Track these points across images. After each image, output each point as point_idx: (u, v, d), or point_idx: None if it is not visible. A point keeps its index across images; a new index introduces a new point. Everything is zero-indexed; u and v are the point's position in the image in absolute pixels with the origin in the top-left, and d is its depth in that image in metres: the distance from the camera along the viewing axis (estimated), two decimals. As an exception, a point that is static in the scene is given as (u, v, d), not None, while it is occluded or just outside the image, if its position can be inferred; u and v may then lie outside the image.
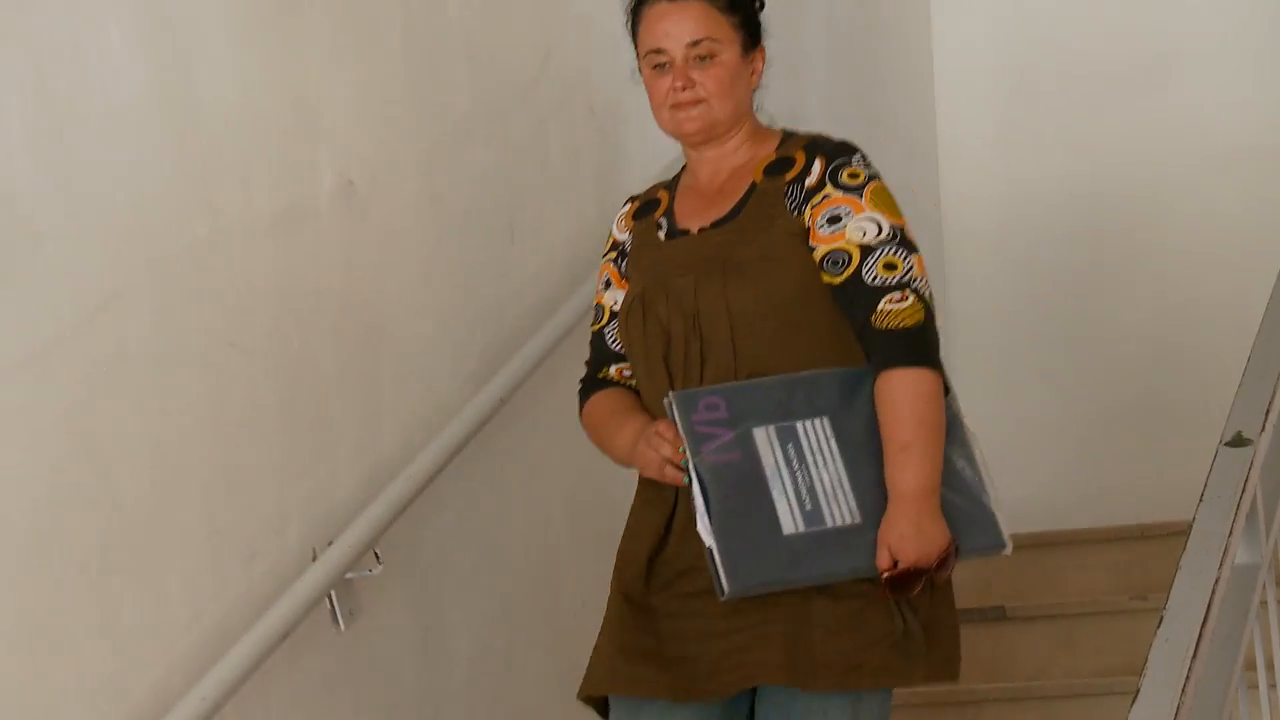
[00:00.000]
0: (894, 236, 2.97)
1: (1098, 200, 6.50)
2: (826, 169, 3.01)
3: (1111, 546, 5.09)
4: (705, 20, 3.04)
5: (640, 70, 3.12)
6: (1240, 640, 3.13)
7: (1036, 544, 5.12)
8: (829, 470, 2.87)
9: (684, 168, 3.22)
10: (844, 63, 6.19)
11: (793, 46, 5.80)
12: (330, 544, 3.53)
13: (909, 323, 2.91)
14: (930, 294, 2.95)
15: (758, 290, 2.95)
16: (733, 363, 2.96)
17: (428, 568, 3.85)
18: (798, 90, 5.81)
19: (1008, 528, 2.98)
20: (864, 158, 3.05)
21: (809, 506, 2.85)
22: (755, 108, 3.16)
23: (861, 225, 2.96)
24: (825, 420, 2.90)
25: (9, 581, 2.86)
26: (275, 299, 3.51)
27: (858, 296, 2.94)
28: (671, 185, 3.22)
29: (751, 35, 3.11)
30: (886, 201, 3.02)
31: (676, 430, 2.92)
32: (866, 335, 2.93)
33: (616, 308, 3.18)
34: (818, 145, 3.08)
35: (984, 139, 6.70)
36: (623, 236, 3.24)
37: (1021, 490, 6.35)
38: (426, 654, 3.84)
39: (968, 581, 5.02)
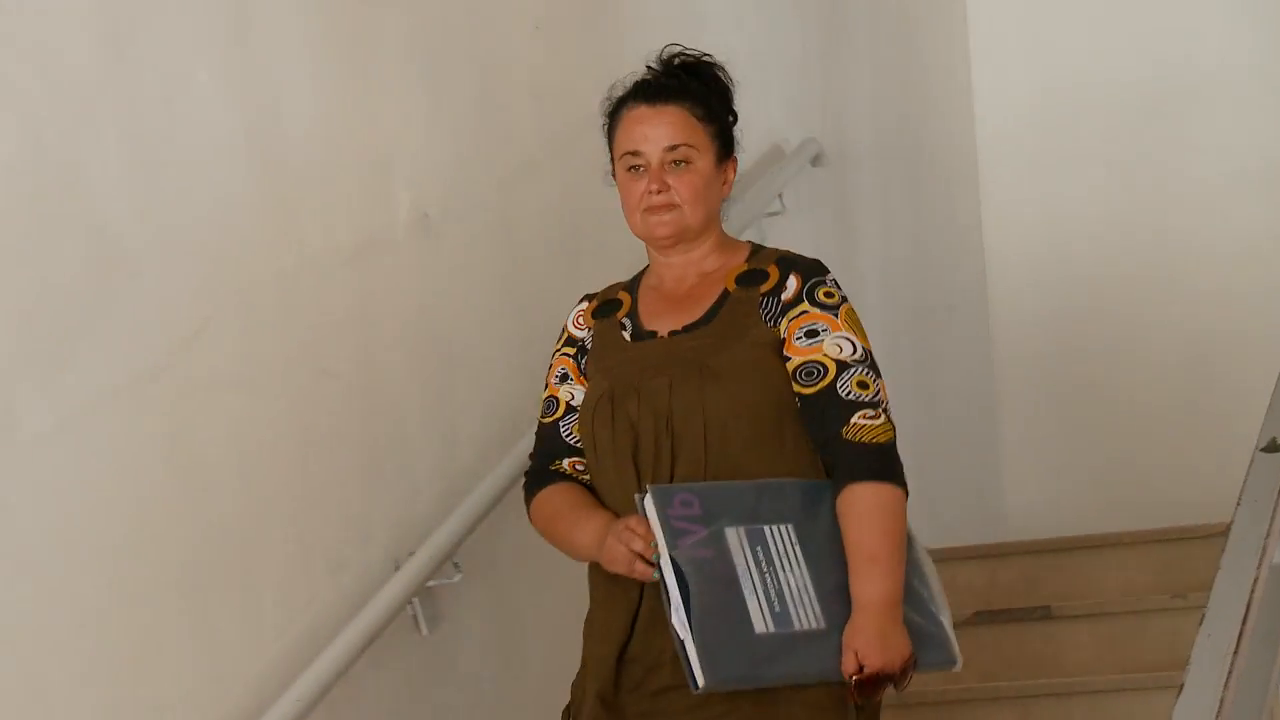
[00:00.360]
0: (865, 359, 2.89)
1: (1134, 220, 6.51)
2: (804, 286, 2.91)
3: (1152, 548, 5.04)
4: (683, 126, 2.93)
5: (614, 172, 3.01)
6: (1279, 637, 3.12)
7: (1081, 546, 5.11)
8: (795, 575, 2.77)
9: (645, 269, 3.08)
10: (887, 93, 6.19)
11: (840, 79, 5.83)
12: (412, 554, 3.54)
13: (881, 439, 2.83)
14: (893, 419, 2.87)
15: (734, 395, 2.85)
16: (703, 464, 2.85)
17: (504, 575, 3.86)
18: (846, 121, 5.83)
19: (958, 645, 2.91)
20: (835, 279, 2.95)
21: (778, 608, 2.75)
22: (723, 218, 3.05)
23: (838, 342, 2.87)
24: (790, 527, 2.81)
25: (113, 594, 2.89)
26: (356, 325, 3.53)
27: (830, 408, 2.85)
28: (632, 286, 3.08)
29: (725, 146, 3.00)
30: (857, 324, 2.93)
31: (648, 525, 2.78)
32: (834, 446, 2.84)
33: (574, 402, 3.03)
34: (792, 262, 2.97)
35: (1023, 163, 6.70)
36: (580, 333, 3.08)
37: (1066, 495, 6.41)
38: (503, 656, 3.86)
39: (1016, 582, 5.03)
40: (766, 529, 2.79)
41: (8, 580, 2.71)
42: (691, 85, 2.97)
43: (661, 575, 2.75)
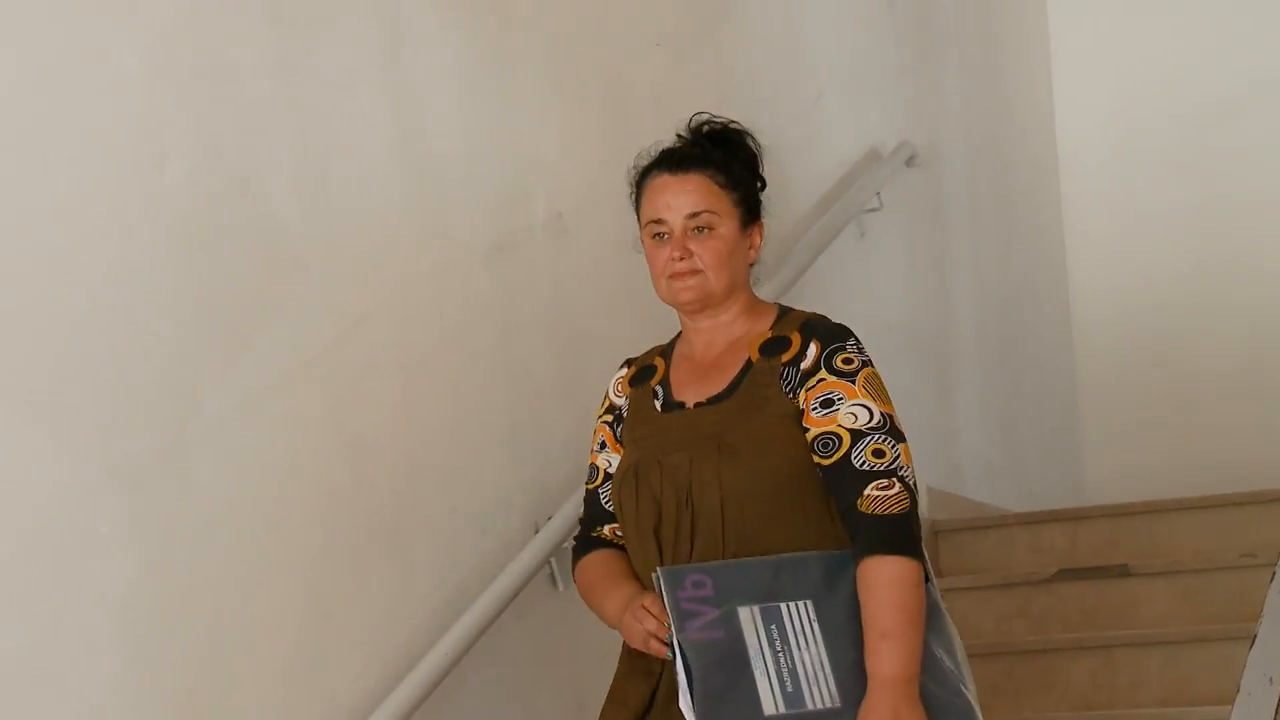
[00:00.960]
0: (883, 424, 2.63)
1: (1205, 210, 6.49)
2: (822, 353, 2.67)
3: (1223, 511, 5.00)
4: (705, 194, 2.73)
5: (642, 239, 2.82)
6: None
7: (1156, 510, 5.06)
8: (811, 653, 2.54)
9: (679, 334, 2.89)
10: (975, 100, 6.17)
11: (932, 87, 5.81)
12: (549, 519, 3.56)
13: (894, 510, 2.58)
14: (915, 483, 2.64)
15: (751, 471, 2.63)
16: (721, 539, 2.64)
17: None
18: (937, 125, 5.82)
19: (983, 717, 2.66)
20: (858, 343, 2.72)
21: (790, 688, 2.52)
22: (752, 281, 2.84)
23: (853, 410, 2.62)
24: (809, 604, 2.57)
25: (287, 555, 2.93)
26: (499, 313, 3.56)
27: (844, 480, 2.61)
28: (668, 352, 2.88)
29: (750, 212, 2.80)
30: (878, 388, 2.68)
31: (663, 605, 2.59)
32: (851, 519, 2.61)
33: (611, 470, 2.84)
34: (814, 328, 2.73)
35: (1101, 162, 6.70)
36: (619, 401, 2.89)
37: (1143, 462, 6.38)
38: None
39: (1096, 543, 5.01)
40: (783, 606, 2.56)
41: (198, 542, 2.76)
42: (715, 153, 2.77)
43: (673, 657, 2.56)
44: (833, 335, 2.71)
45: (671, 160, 2.77)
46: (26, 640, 2.47)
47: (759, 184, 2.84)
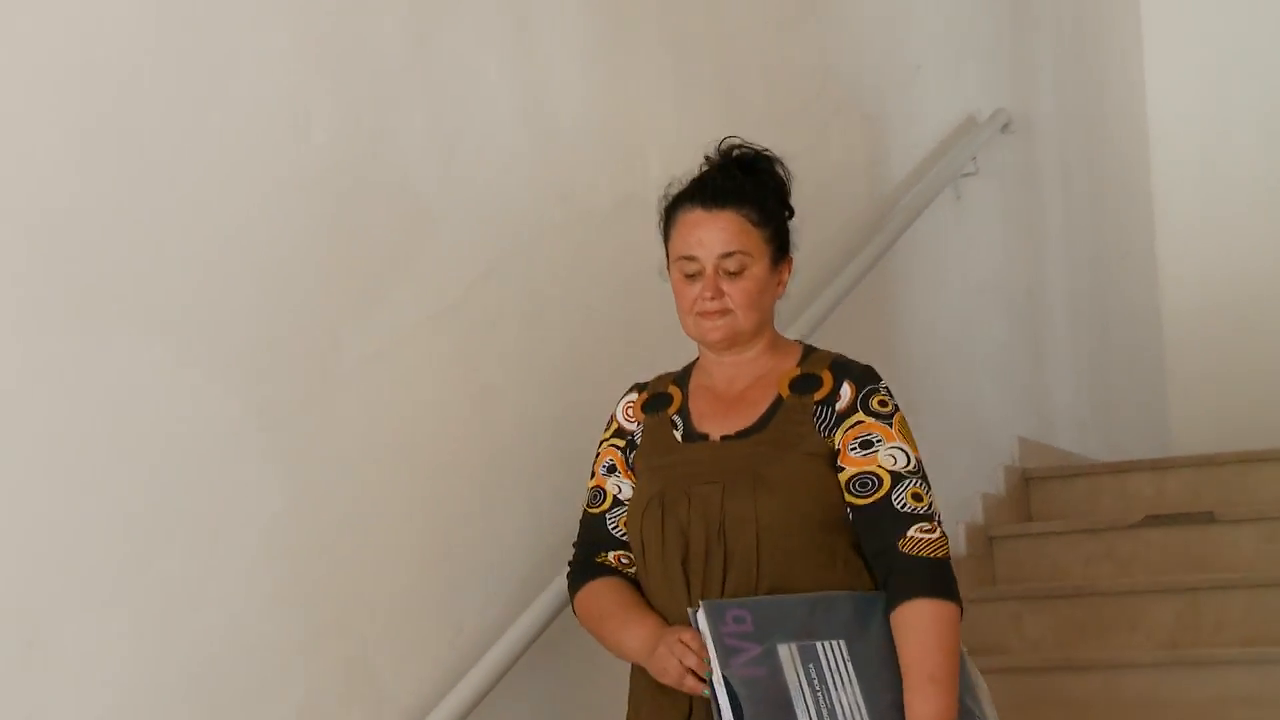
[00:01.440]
0: (918, 470, 2.53)
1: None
2: (858, 395, 2.55)
3: (1304, 460, 5.00)
4: (738, 233, 2.57)
5: (669, 270, 2.67)
6: None
7: (1240, 460, 5.04)
8: (847, 693, 2.40)
9: (695, 363, 2.74)
10: (1068, 69, 6.12)
11: (1026, 57, 5.77)
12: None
13: (939, 554, 2.47)
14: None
15: (786, 507, 2.48)
16: (754, 575, 2.48)
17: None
18: (1031, 93, 5.77)
19: None
20: (887, 387, 2.61)
21: None
22: (775, 315, 2.70)
23: (892, 453, 2.51)
24: (842, 644, 2.43)
25: (420, 491, 2.96)
26: (615, 270, 3.57)
27: (884, 520, 2.49)
28: (682, 381, 2.73)
29: (780, 247, 2.64)
30: (908, 434, 2.57)
31: (700, 639, 2.42)
32: (889, 559, 2.48)
33: (621, 495, 2.68)
34: (845, 368, 2.60)
35: (1190, 127, 6.66)
36: (630, 426, 2.72)
37: (1227, 414, 6.33)
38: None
39: (1181, 491, 4.98)
40: (819, 645, 2.42)
41: (337, 478, 2.80)
42: (747, 187, 2.61)
43: (713, 693, 2.40)
44: (865, 378, 2.59)
45: (705, 194, 2.61)
46: (186, 565, 2.52)
47: (788, 214, 2.68)
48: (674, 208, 2.66)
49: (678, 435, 2.63)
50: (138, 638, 2.43)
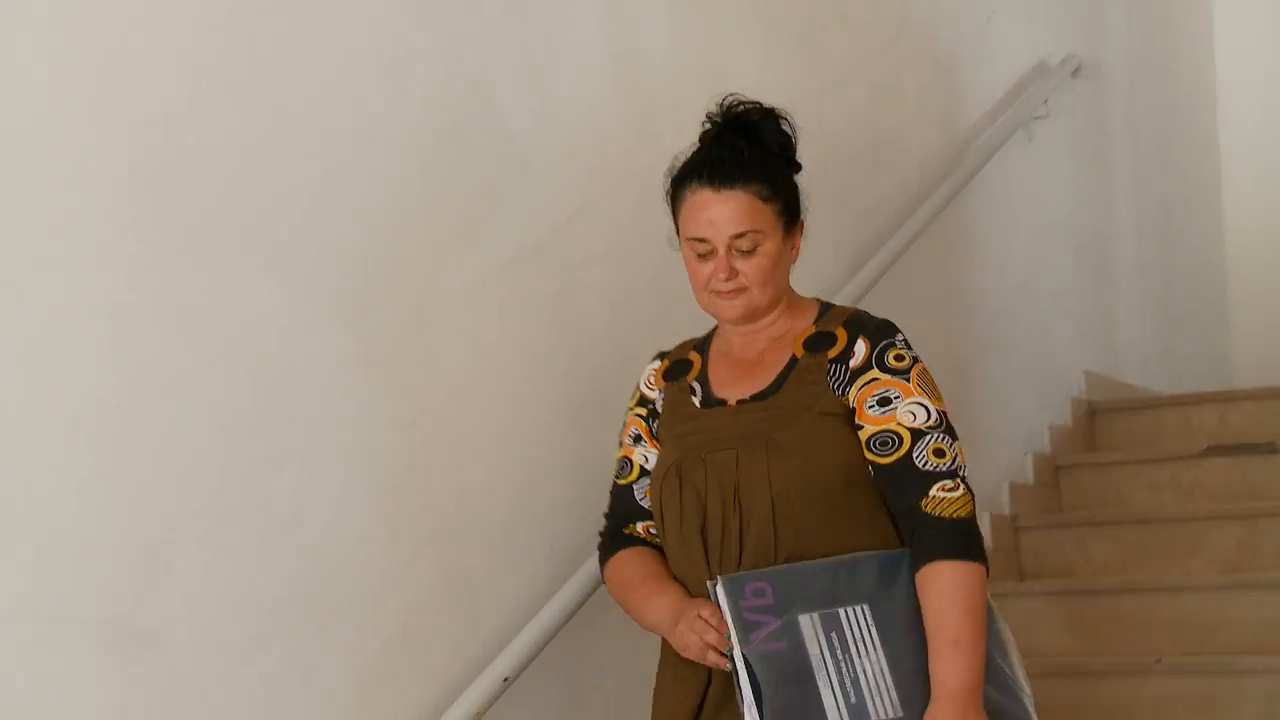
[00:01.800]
0: (940, 423, 2.37)
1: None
2: (873, 350, 2.40)
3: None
4: (749, 211, 2.41)
5: (680, 243, 2.52)
6: None
7: (1303, 394, 5.02)
8: (871, 660, 2.26)
9: (715, 330, 2.60)
10: (1137, 16, 6.03)
11: (1096, 3, 5.69)
12: (744, 394, 3.58)
13: (961, 513, 2.31)
14: (970, 485, 2.37)
15: (801, 470, 2.34)
16: (773, 543, 2.34)
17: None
18: (1101, 39, 5.70)
19: None
20: (905, 339, 2.43)
21: (854, 699, 2.25)
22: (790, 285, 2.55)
23: (911, 409, 2.35)
24: (865, 607, 2.30)
25: (513, 425, 2.98)
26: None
27: (906, 479, 2.34)
28: (703, 347, 2.59)
29: (791, 215, 2.48)
30: (931, 385, 2.41)
31: (720, 614, 2.30)
32: (912, 519, 2.33)
33: (647, 465, 2.56)
34: (860, 324, 2.44)
35: (1256, 73, 6.56)
36: (653, 394, 2.60)
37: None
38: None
39: (1243, 423, 4.93)
40: (841, 612, 2.29)
41: (438, 408, 2.83)
42: (755, 162, 2.44)
43: (734, 668, 2.28)
44: (880, 331, 2.43)
45: (713, 173, 2.44)
46: (296, 484, 2.56)
47: (796, 169, 2.52)
48: (681, 183, 2.49)
49: (696, 401, 2.50)
50: (251, 551, 2.48)
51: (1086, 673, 3.88)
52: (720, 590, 2.29)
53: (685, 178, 2.48)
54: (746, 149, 2.45)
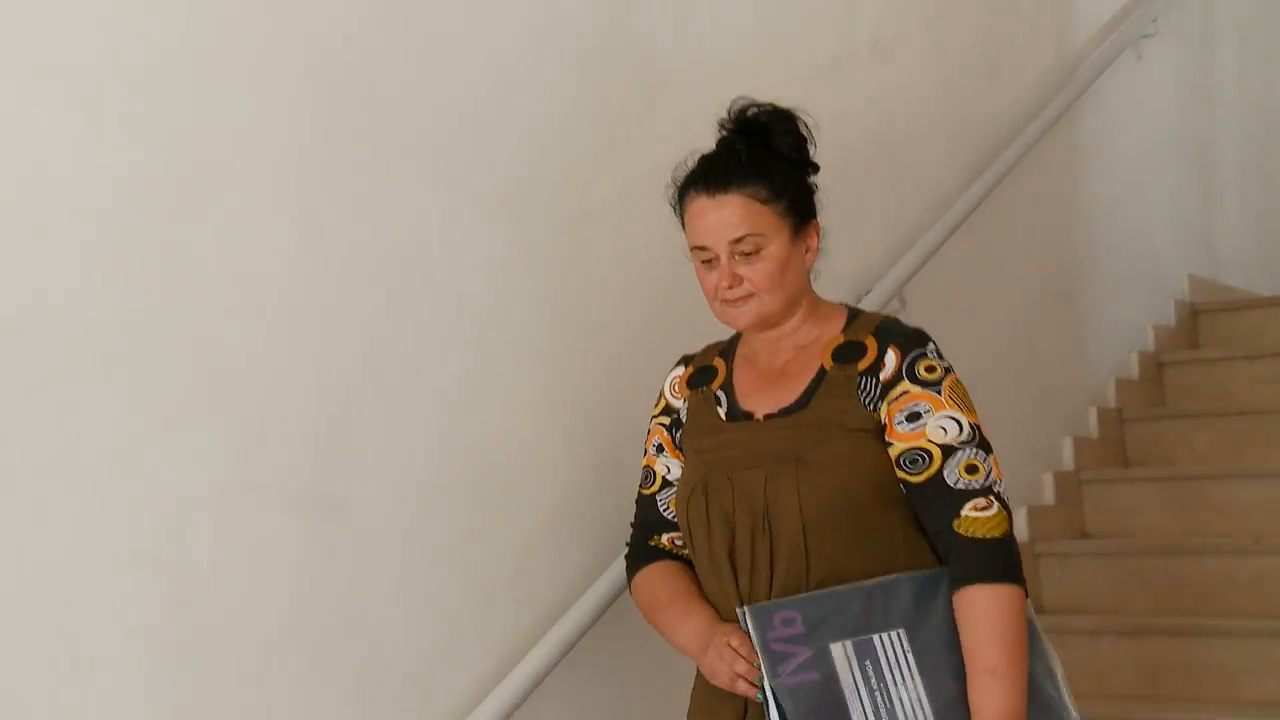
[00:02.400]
0: (972, 437, 2.09)
1: None
2: (903, 361, 2.12)
3: None
4: (746, 215, 2.14)
5: (691, 257, 2.24)
6: None
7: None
8: (908, 689, 2.02)
9: (740, 334, 2.32)
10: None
11: None
12: (868, 291, 3.55)
13: (995, 533, 2.05)
14: (1007, 498, 2.11)
15: (833, 491, 2.08)
16: (804, 567, 2.08)
17: (938, 307, 3.86)
18: None
19: None
20: (936, 348, 2.16)
21: None
22: (813, 276, 2.26)
23: (942, 424, 2.08)
24: (902, 633, 2.05)
25: (657, 319, 2.96)
26: (832, 119, 3.50)
27: (938, 499, 2.08)
28: (728, 353, 2.31)
29: (801, 214, 2.20)
30: (963, 397, 2.12)
31: (750, 643, 2.07)
32: (946, 539, 2.08)
33: (670, 476, 2.30)
34: (890, 333, 2.17)
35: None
36: (676, 402, 2.32)
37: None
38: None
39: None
40: (876, 639, 2.04)
41: (593, 301, 2.85)
42: (754, 163, 2.17)
43: (764, 700, 2.05)
44: (911, 341, 2.15)
45: (707, 179, 2.18)
46: (467, 372, 2.60)
47: (810, 172, 2.25)
48: (683, 193, 2.22)
49: (721, 413, 2.23)
50: (425, 431, 2.52)
51: (1187, 551, 3.85)
52: (747, 622, 2.07)
53: (685, 187, 2.22)
54: (745, 152, 2.19)
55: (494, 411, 2.63)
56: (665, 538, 2.32)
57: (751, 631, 2.06)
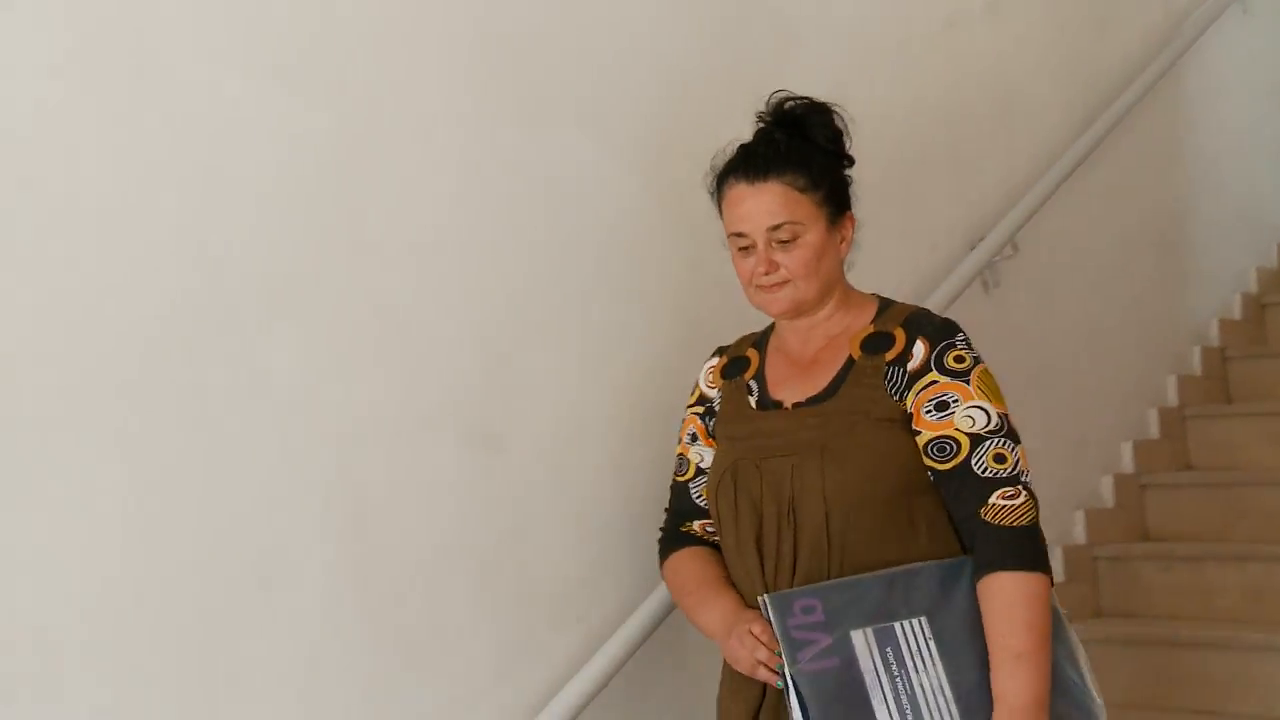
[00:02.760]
0: (1001, 427, 2.01)
1: None
2: (931, 352, 2.04)
3: None
4: (785, 202, 2.07)
5: (728, 243, 2.17)
6: None
7: None
8: (929, 675, 1.94)
9: (773, 325, 2.26)
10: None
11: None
12: (982, 239, 3.52)
13: (1023, 522, 1.97)
14: (1034, 488, 2.02)
15: (856, 479, 2.01)
16: (826, 554, 2.01)
17: (1051, 254, 3.83)
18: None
19: None
20: (966, 339, 2.07)
21: (910, 716, 1.93)
22: (846, 268, 2.18)
23: (969, 413, 2.01)
24: (923, 620, 1.97)
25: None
26: (943, 75, 3.52)
27: (965, 487, 2.00)
28: (760, 343, 2.25)
29: (838, 205, 2.12)
30: (992, 388, 2.04)
31: (770, 630, 2.01)
32: (973, 526, 1.99)
33: (703, 464, 2.25)
34: (919, 324, 2.09)
35: None
36: (711, 392, 2.26)
37: None
38: (1042, 318, 3.82)
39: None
40: (897, 626, 1.96)
41: (715, 248, 2.86)
42: (793, 152, 2.09)
43: (784, 686, 1.98)
44: (940, 332, 2.07)
45: (747, 166, 2.11)
46: (610, 317, 2.63)
47: (845, 164, 2.16)
48: (721, 181, 2.15)
49: (752, 401, 2.17)
50: (578, 367, 2.56)
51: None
52: (767, 609, 2.01)
53: (724, 175, 2.15)
54: (784, 141, 2.11)
55: (639, 347, 2.66)
56: (697, 524, 2.27)
57: (772, 619, 1.99)
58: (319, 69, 2.24)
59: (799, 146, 2.10)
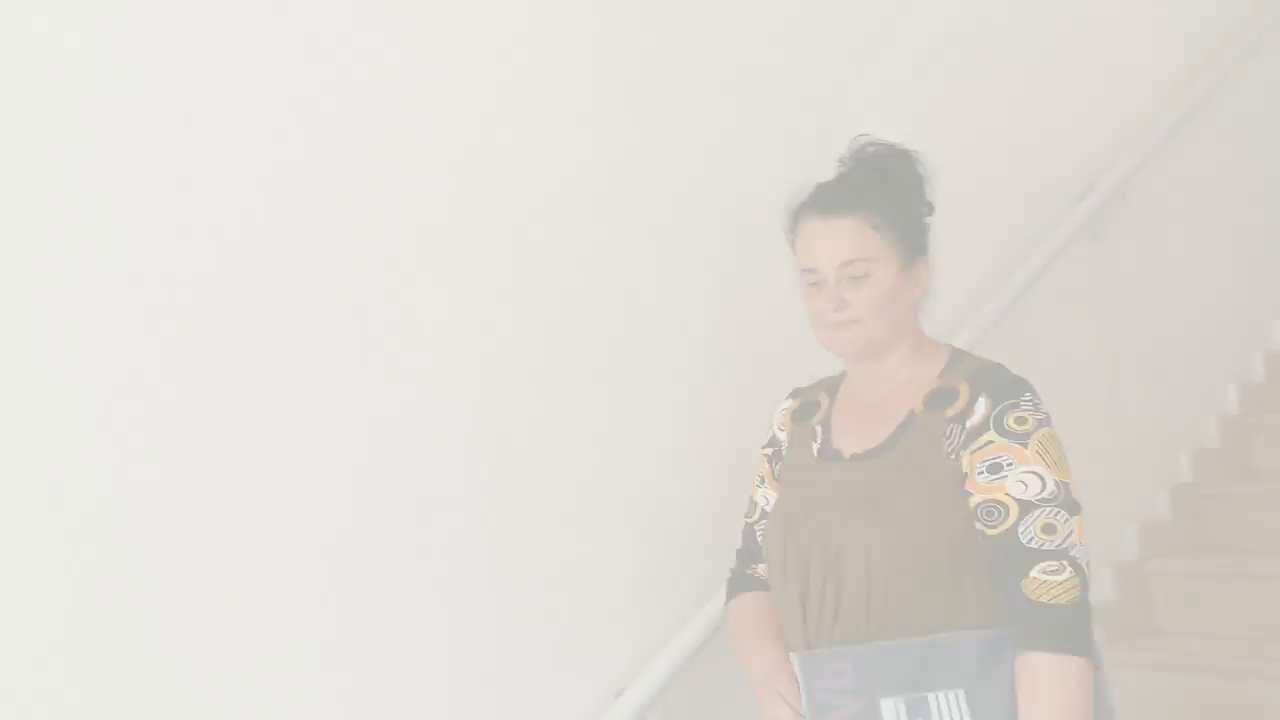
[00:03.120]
0: (1056, 495, 1.81)
1: None
2: (992, 411, 1.85)
3: None
4: (858, 239, 1.91)
5: (800, 278, 2.00)
6: None
7: None
8: None
9: (846, 372, 2.08)
10: None
11: None
12: (1092, 189, 3.45)
13: (1062, 600, 1.77)
14: (1088, 562, 1.81)
15: (900, 540, 1.83)
16: (865, 615, 1.84)
17: (1160, 205, 3.73)
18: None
19: None
20: (1034, 399, 1.87)
21: None
22: (922, 317, 2.02)
23: (1023, 478, 1.81)
24: (960, 694, 1.78)
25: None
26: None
27: (1010, 556, 1.80)
28: (833, 388, 2.08)
29: (913, 246, 1.95)
30: (1053, 453, 1.84)
31: (797, 690, 1.89)
32: (1013, 599, 1.80)
33: (768, 507, 2.09)
34: (984, 380, 1.89)
35: None
36: (782, 435, 2.10)
37: None
38: (1150, 269, 3.71)
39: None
40: (931, 697, 1.79)
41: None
42: (869, 191, 1.94)
43: None
44: (1005, 390, 1.87)
45: (822, 203, 1.95)
46: (740, 261, 2.60)
47: (925, 208, 1.99)
48: (796, 218, 2.00)
49: (815, 448, 2.02)
50: (708, 311, 2.55)
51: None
52: (796, 668, 1.89)
53: (800, 212, 2.00)
54: (862, 180, 1.97)
55: (763, 291, 2.62)
56: (761, 568, 2.10)
57: (800, 678, 1.88)
58: (473, 31, 2.26)
59: (876, 186, 1.95)
